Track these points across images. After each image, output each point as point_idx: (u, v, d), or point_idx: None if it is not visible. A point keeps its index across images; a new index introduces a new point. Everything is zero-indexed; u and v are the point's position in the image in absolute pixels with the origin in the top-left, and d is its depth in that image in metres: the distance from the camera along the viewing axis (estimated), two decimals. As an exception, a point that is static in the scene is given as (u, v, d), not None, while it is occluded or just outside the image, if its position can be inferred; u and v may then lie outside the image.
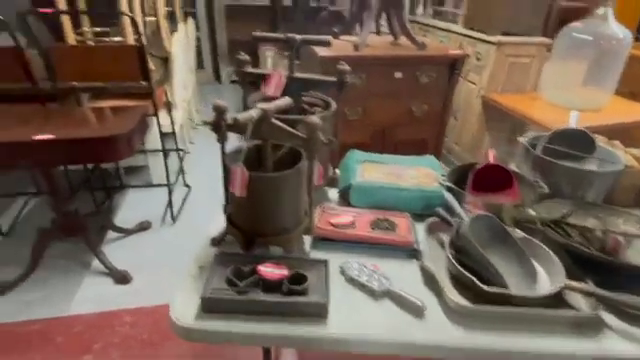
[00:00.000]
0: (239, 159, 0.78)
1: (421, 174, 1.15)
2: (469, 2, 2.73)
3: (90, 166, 2.39)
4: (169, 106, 2.48)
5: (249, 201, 0.80)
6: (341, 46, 1.77)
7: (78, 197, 2.08)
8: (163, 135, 2.24)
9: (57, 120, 1.71)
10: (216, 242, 0.92)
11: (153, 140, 2.29)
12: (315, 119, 0.76)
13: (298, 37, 0.96)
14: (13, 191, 2.28)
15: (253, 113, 0.77)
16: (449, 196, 1.00)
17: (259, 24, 4.29)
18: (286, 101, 0.83)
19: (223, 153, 0.84)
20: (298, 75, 0.99)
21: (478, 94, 2.62)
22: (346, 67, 0.96)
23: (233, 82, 4.93)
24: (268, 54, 2.95)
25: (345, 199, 1.09)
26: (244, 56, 1.04)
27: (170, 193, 2.27)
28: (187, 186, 2.59)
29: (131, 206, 2.36)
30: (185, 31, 2.90)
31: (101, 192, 2.38)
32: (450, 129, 2.70)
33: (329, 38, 0.97)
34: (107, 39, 2.17)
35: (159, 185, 2.37)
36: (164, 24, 2.71)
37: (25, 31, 1.91)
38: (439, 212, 0.99)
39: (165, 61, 2.59)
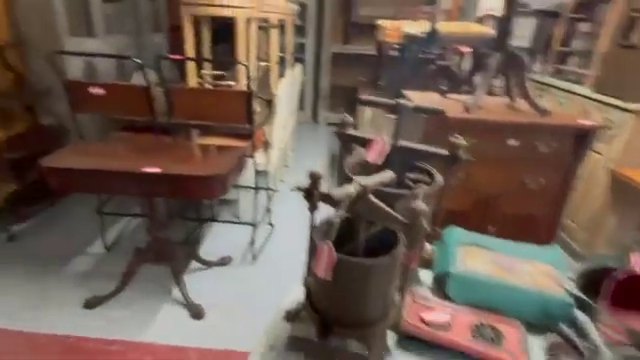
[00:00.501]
0: (328, 236, 0.69)
1: (539, 271, 0.95)
2: (603, 63, 2.42)
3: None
4: (266, 145, 2.57)
5: (332, 284, 0.71)
6: (449, 106, 1.65)
7: (172, 224, 2.20)
8: (257, 172, 2.31)
9: (166, 153, 1.85)
10: (290, 317, 0.84)
11: (247, 177, 2.37)
12: (421, 205, 0.65)
13: (409, 104, 0.88)
14: (120, 210, 2.51)
15: (351, 189, 0.68)
16: (579, 313, 0.79)
17: (362, 72, 4.37)
18: (388, 176, 0.74)
19: (312, 225, 0.76)
20: (404, 144, 0.90)
21: (605, 166, 2.26)
22: (462, 141, 0.84)
23: (330, 124, 5.04)
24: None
25: (441, 288, 0.93)
26: (347, 117, 0.98)
27: (254, 231, 2.29)
28: (271, 225, 2.61)
29: (216, 239, 2.44)
30: (292, 76, 3.05)
31: (193, 221, 2.51)
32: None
33: (443, 110, 0.87)
34: (223, 82, 2.36)
35: (245, 223, 2.42)
36: (274, 69, 2.87)
37: (158, 71, 2.15)
38: (563, 331, 0.78)
39: (269, 103, 2.71)
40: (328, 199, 0.71)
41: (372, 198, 0.70)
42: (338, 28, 4.73)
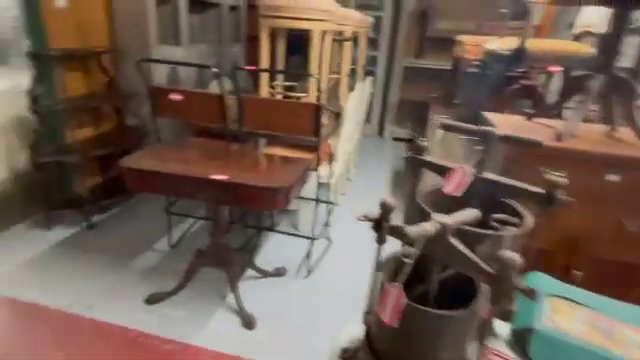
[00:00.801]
0: (398, 278, 0.62)
1: (649, 342, 0.78)
2: None
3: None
4: (331, 158, 2.53)
5: (398, 330, 0.63)
6: (536, 131, 1.49)
7: (232, 230, 2.25)
8: (319, 184, 2.28)
9: (234, 161, 1.88)
10: (346, 357, 0.77)
11: (309, 188, 2.34)
12: (513, 256, 0.55)
13: (498, 133, 0.78)
14: (186, 211, 2.62)
15: (429, 227, 0.60)
16: None
17: (433, 87, 4.20)
18: (473, 215, 0.65)
19: (377, 259, 0.69)
20: (488, 176, 0.80)
21: None
22: (561, 180, 0.72)
23: (396, 139, 4.92)
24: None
25: (521, 345, 0.81)
26: (422, 142, 0.90)
27: (311, 244, 2.26)
28: (329, 239, 2.56)
29: (273, 248, 2.44)
30: (362, 89, 3.00)
31: (252, 228, 2.54)
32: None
33: (540, 142, 0.76)
34: (293, 93, 2.38)
35: (303, 236, 2.39)
36: (344, 82, 2.84)
37: (233, 80, 2.22)
38: None
39: (338, 116, 2.68)
40: (399, 235, 0.63)
41: (452, 240, 0.61)
42: (412, 42, 4.62)
